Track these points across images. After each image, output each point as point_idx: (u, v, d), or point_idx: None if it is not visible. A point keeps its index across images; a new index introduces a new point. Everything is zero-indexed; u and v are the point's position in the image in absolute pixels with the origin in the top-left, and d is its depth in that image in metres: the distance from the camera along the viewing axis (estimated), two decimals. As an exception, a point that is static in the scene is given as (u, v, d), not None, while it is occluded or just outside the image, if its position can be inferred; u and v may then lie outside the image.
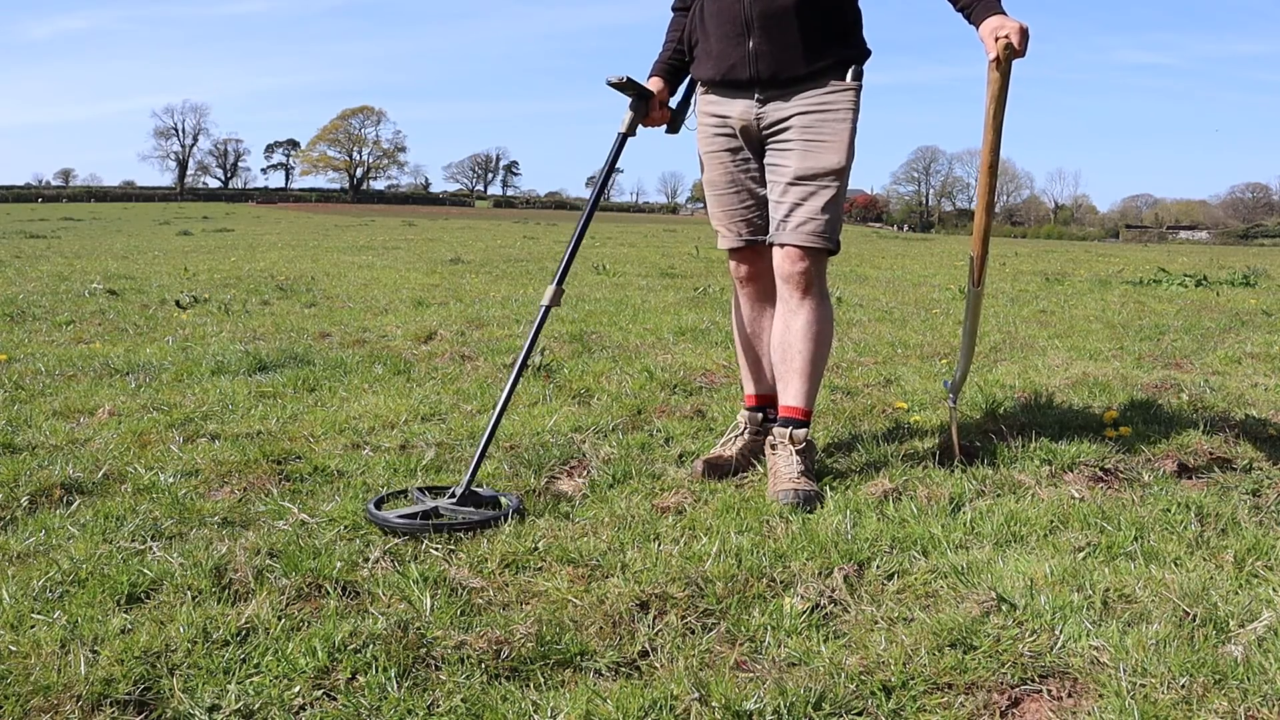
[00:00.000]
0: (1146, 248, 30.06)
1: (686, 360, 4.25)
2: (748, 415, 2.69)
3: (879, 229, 58.15)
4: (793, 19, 2.38)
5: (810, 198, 2.41)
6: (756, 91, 2.46)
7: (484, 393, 3.49)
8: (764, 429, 2.64)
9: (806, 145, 2.42)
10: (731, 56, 2.44)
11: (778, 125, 2.45)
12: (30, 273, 8.60)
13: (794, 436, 2.43)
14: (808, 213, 2.42)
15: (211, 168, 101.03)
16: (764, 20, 2.38)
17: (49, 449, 2.68)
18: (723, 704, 1.43)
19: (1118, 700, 1.44)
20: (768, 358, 2.64)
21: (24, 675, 1.46)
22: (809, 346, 2.46)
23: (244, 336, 4.83)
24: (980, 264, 2.45)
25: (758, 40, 2.40)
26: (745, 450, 2.62)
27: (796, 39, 2.39)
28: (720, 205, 2.60)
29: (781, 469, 2.39)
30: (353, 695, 1.44)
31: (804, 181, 2.41)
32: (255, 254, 12.08)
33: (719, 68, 2.47)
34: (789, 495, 2.28)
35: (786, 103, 2.44)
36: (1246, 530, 2.15)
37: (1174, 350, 4.83)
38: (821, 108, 2.42)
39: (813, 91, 2.42)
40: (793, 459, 2.40)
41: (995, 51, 2.23)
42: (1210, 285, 9.17)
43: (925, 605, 1.78)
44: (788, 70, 2.41)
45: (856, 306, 6.74)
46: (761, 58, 2.41)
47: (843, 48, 2.44)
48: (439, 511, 2.16)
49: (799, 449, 2.42)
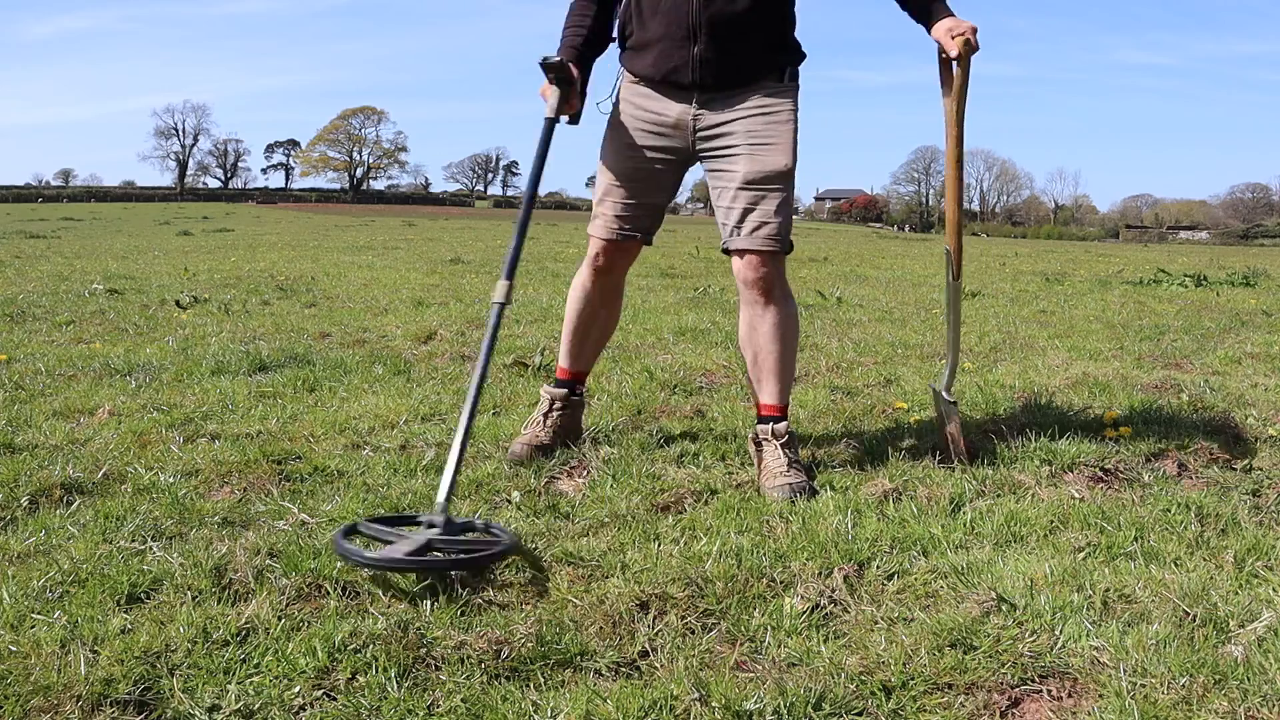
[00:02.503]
0: (1146, 248, 30.07)
1: (686, 360, 4.25)
2: (554, 392, 2.72)
3: (879, 229, 58.13)
4: (740, 27, 2.40)
5: (762, 202, 2.45)
6: (696, 94, 2.47)
7: (484, 392, 3.48)
8: (571, 403, 2.72)
9: (753, 150, 2.44)
10: (675, 58, 2.43)
11: (717, 130, 2.48)
12: (30, 273, 8.60)
13: (776, 432, 2.50)
14: (761, 217, 2.45)
15: (211, 168, 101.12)
16: (712, 26, 2.39)
17: (49, 449, 2.68)
18: (723, 704, 1.43)
19: (1118, 700, 1.44)
20: (594, 344, 2.77)
21: (24, 675, 1.46)
22: (778, 347, 2.53)
23: (244, 336, 4.83)
24: (957, 257, 2.53)
25: (704, 45, 2.41)
26: (558, 429, 2.69)
27: (742, 46, 2.42)
28: (624, 195, 2.58)
29: (771, 465, 2.45)
30: (353, 695, 1.44)
31: (754, 186, 2.44)
32: (255, 254, 12.08)
33: (660, 67, 2.45)
34: (784, 490, 2.35)
35: (727, 107, 2.46)
36: (1246, 530, 2.15)
37: (1174, 350, 4.83)
38: (764, 111, 2.46)
39: (754, 96, 2.46)
40: (780, 454, 2.46)
41: (956, 49, 2.37)
42: (1210, 285, 9.17)
43: (925, 605, 1.78)
44: (732, 77, 2.44)
45: (856, 306, 6.74)
46: (707, 64, 2.42)
47: (781, 53, 2.50)
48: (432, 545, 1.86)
49: (783, 443, 2.48)
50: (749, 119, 2.45)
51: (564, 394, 2.73)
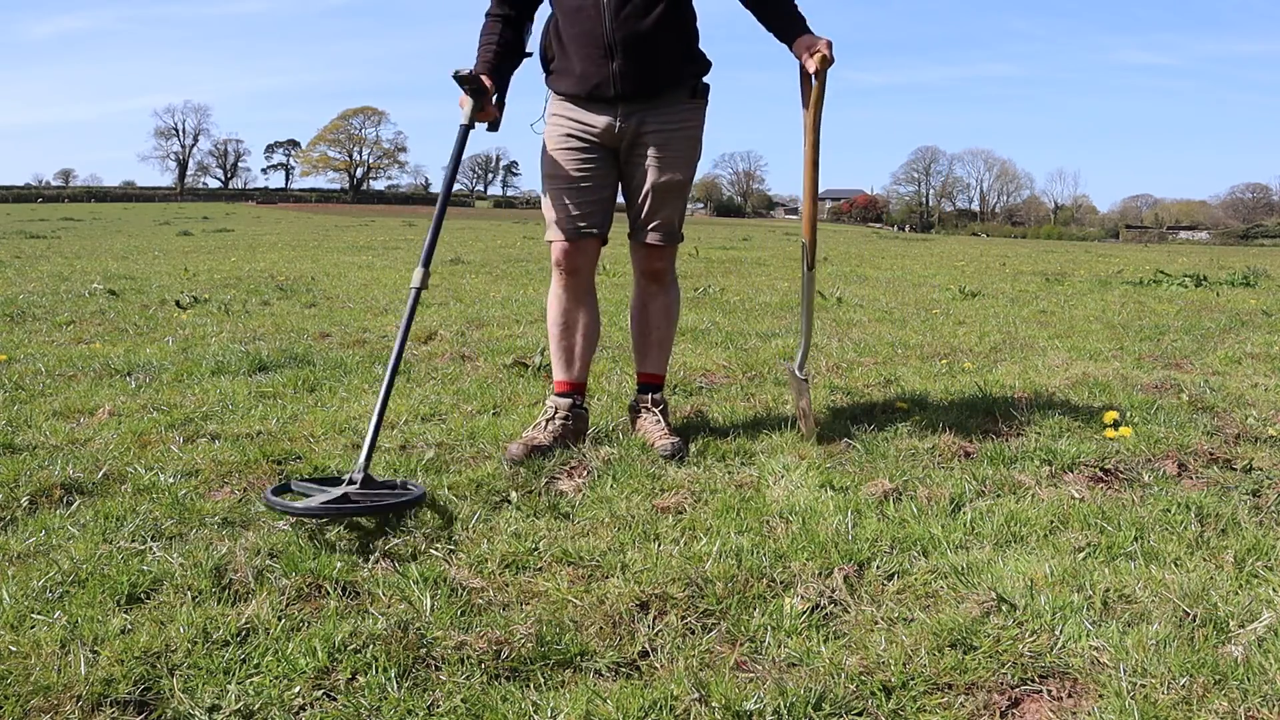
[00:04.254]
0: (1146, 248, 30.07)
1: (686, 360, 4.25)
2: (558, 401, 2.82)
3: (879, 229, 58.16)
4: (649, 43, 2.64)
5: (667, 204, 2.80)
6: (620, 106, 2.70)
7: (484, 393, 3.49)
8: (574, 414, 2.81)
9: (663, 160, 2.75)
10: (595, 76, 2.67)
11: (638, 138, 2.74)
12: (30, 273, 8.60)
13: (655, 400, 2.91)
14: (663, 217, 2.81)
15: (211, 168, 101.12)
16: (625, 45, 2.63)
17: (49, 449, 2.68)
18: (723, 704, 1.43)
19: (1118, 700, 1.44)
20: (582, 348, 2.86)
21: (24, 675, 1.46)
22: (665, 323, 2.94)
23: (244, 337, 4.83)
24: (811, 249, 2.79)
25: (620, 62, 2.64)
26: (558, 435, 2.75)
27: (653, 60, 2.66)
28: (572, 196, 2.75)
29: (652, 430, 2.83)
30: (353, 695, 1.44)
31: (661, 193, 2.78)
32: (255, 254, 12.08)
33: (584, 85, 2.69)
34: (666, 449, 2.69)
35: (646, 117, 2.72)
36: (1246, 530, 2.15)
37: (1174, 350, 4.83)
38: (675, 126, 2.74)
39: (667, 109, 2.73)
40: (659, 419, 2.86)
41: (815, 65, 2.65)
42: (1210, 285, 9.17)
43: (925, 605, 1.78)
44: (648, 87, 2.69)
45: (856, 306, 6.74)
46: (625, 78, 2.66)
47: (690, 63, 2.76)
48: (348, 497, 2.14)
49: (660, 410, 2.90)
50: (663, 132, 2.73)
51: (568, 404, 2.82)
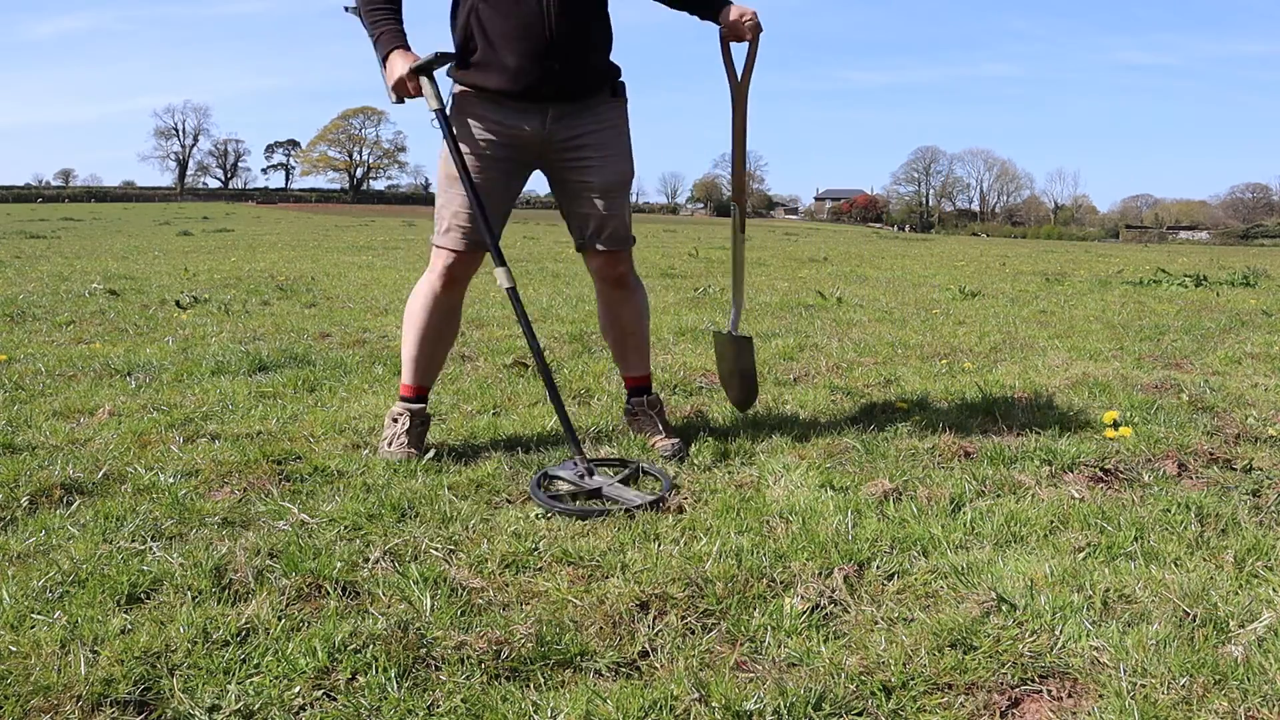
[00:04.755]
0: (1146, 248, 30.06)
1: (686, 360, 4.25)
2: (411, 407, 2.71)
3: (879, 229, 58.16)
4: (584, 44, 2.57)
5: (615, 207, 2.70)
6: (551, 108, 2.58)
7: (484, 393, 3.49)
8: (426, 419, 2.76)
9: (604, 160, 2.66)
10: (531, 73, 2.52)
11: (571, 141, 2.62)
12: (30, 273, 8.60)
13: (650, 402, 2.90)
14: (616, 221, 2.72)
15: (211, 168, 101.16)
16: (567, 41, 2.52)
17: (49, 449, 2.68)
18: (723, 704, 1.43)
19: (1118, 700, 1.44)
20: (442, 357, 2.80)
21: (24, 675, 1.46)
22: (640, 325, 2.89)
23: (244, 337, 4.83)
24: (742, 213, 2.90)
25: (560, 62, 2.53)
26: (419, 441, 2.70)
27: (586, 62, 2.59)
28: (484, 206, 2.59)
29: (652, 432, 2.84)
30: (353, 695, 1.44)
31: (610, 193, 2.68)
32: (255, 254, 12.08)
33: (517, 82, 2.52)
34: (667, 449, 2.73)
35: (577, 119, 2.62)
36: (1246, 530, 2.15)
37: (1174, 350, 4.82)
38: (609, 125, 2.67)
39: (596, 110, 2.65)
40: (657, 421, 2.86)
41: (749, 34, 2.70)
42: (1210, 285, 9.16)
43: (925, 605, 1.78)
44: (580, 90, 2.60)
45: (856, 306, 6.74)
46: (564, 76, 2.54)
47: (610, 68, 2.69)
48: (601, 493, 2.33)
49: (656, 410, 2.89)
50: (599, 132, 2.64)
51: (421, 409, 2.73)
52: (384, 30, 2.55)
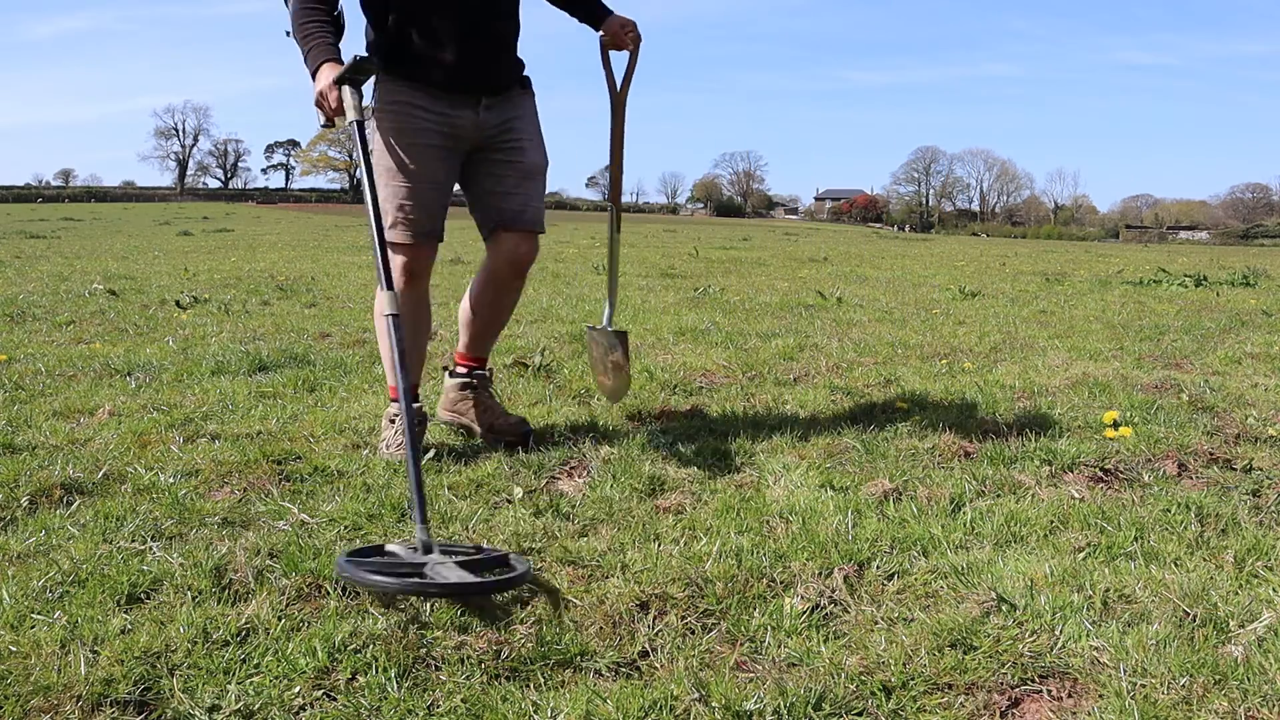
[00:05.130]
0: (1146, 248, 30.06)
1: (686, 360, 4.25)
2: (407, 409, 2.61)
3: (879, 229, 58.16)
4: (508, 38, 2.70)
5: (538, 189, 2.79)
6: (484, 98, 2.65)
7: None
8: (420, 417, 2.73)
9: (530, 144, 2.74)
10: (468, 66, 2.59)
11: (503, 126, 2.70)
12: (30, 273, 8.60)
13: (485, 380, 2.90)
14: (537, 204, 2.79)
15: (211, 168, 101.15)
16: (500, 35, 2.65)
17: (49, 449, 2.68)
18: (723, 704, 1.43)
19: (1118, 700, 1.44)
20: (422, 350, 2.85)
21: (24, 675, 1.46)
22: (509, 315, 2.95)
23: (244, 337, 4.83)
24: (618, 213, 2.97)
25: (490, 55, 2.63)
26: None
27: (508, 55, 2.71)
28: (426, 198, 2.62)
29: (496, 406, 2.87)
30: (353, 695, 1.44)
31: (535, 176, 2.76)
32: (255, 254, 12.08)
33: (454, 75, 2.58)
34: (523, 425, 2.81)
35: (502, 107, 2.70)
36: (1246, 530, 2.15)
37: (1174, 350, 4.82)
38: (528, 114, 2.77)
39: (515, 100, 2.73)
40: (495, 398, 2.90)
41: (629, 44, 2.80)
42: (1210, 285, 9.17)
43: (925, 605, 1.78)
44: (506, 81, 2.70)
45: (856, 306, 6.74)
46: (492, 71, 2.65)
47: (520, 60, 2.77)
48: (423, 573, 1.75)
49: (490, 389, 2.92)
50: (523, 119, 2.74)
51: (417, 408, 2.70)
52: (314, 44, 2.44)
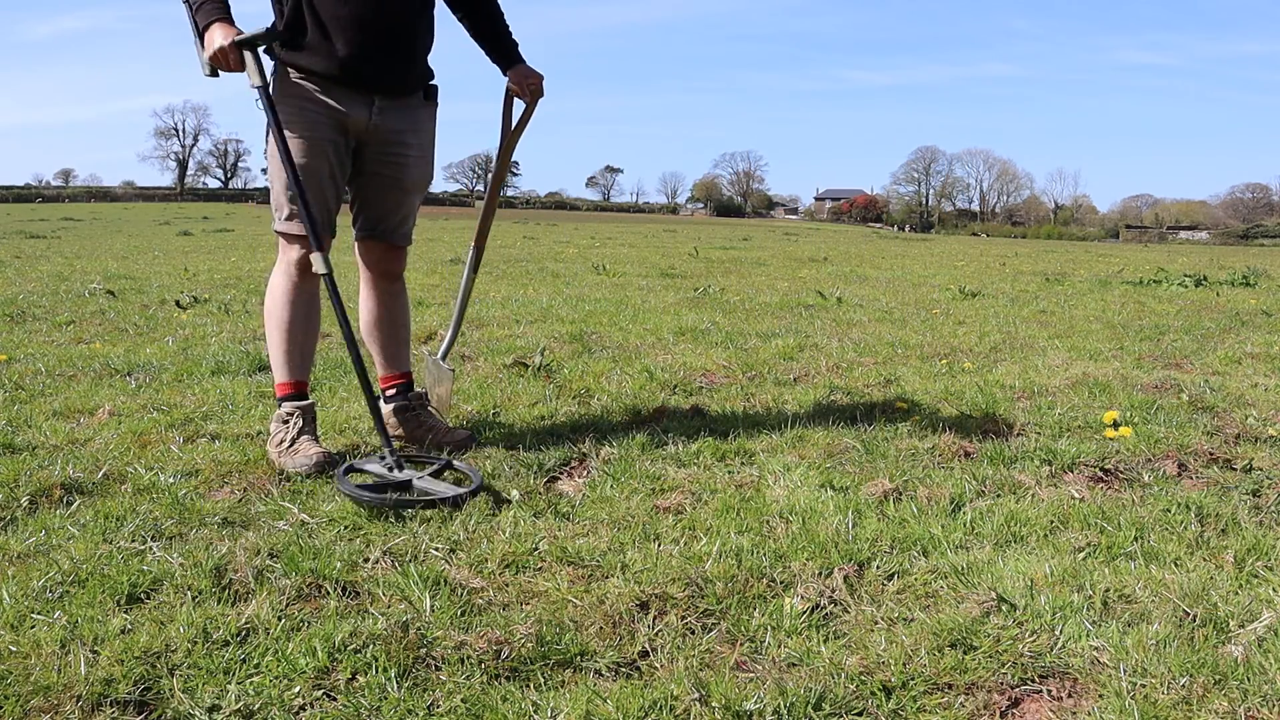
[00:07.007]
0: (1146, 248, 30.05)
1: (686, 360, 4.25)
2: (301, 404, 2.63)
3: (879, 229, 58.18)
4: (416, 38, 2.62)
5: (413, 205, 2.80)
6: (377, 99, 2.60)
7: (484, 392, 3.49)
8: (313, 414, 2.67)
9: (418, 159, 2.73)
10: (361, 62, 2.52)
11: (393, 136, 2.66)
12: (30, 273, 8.60)
13: (421, 398, 2.89)
14: (412, 218, 2.83)
15: (212, 168, 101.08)
16: (397, 34, 2.56)
17: (49, 449, 2.68)
18: (723, 704, 1.43)
19: (1118, 700, 1.44)
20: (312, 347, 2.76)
21: (24, 675, 1.46)
22: (408, 320, 2.96)
23: (244, 337, 4.83)
24: (478, 254, 3.03)
25: (390, 51, 2.56)
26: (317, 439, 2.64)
27: (414, 58, 2.64)
28: (321, 193, 2.60)
29: (437, 424, 2.83)
30: (353, 695, 1.44)
31: (414, 192, 2.77)
32: (255, 254, 12.08)
33: (346, 70, 2.52)
34: (464, 437, 2.77)
35: (398, 115, 2.65)
36: (1246, 530, 2.15)
37: (1174, 350, 4.82)
38: (424, 129, 2.74)
39: (412, 109, 2.69)
40: (435, 414, 2.88)
41: (529, 97, 2.82)
42: (1210, 285, 9.17)
43: (925, 605, 1.78)
44: (408, 84, 2.65)
45: (856, 306, 6.74)
46: (393, 71, 2.58)
47: (428, 69, 2.73)
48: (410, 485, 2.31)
49: (425, 405, 2.88)
50: (416, 132, 2.71)
51: (310, 405, 2.66)
52: (203, 2, 2.45)
